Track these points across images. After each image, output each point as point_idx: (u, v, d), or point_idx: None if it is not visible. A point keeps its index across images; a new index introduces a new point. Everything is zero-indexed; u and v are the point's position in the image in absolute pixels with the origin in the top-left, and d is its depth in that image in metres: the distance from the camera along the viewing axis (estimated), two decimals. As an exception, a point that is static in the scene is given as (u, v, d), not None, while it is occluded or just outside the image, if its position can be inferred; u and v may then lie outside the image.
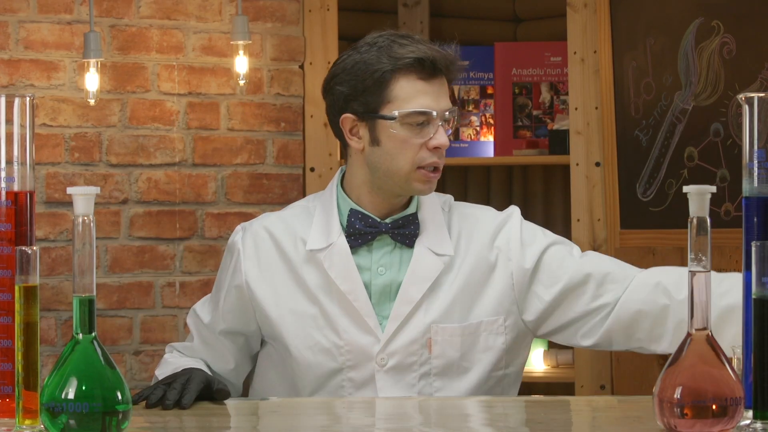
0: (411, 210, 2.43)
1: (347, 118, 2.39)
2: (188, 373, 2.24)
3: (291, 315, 2.41)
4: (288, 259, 2.43)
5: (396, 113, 2.34)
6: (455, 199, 2.55)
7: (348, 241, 2.40)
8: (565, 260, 2.43)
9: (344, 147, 2.45)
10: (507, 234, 2.45)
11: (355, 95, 2.37)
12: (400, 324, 2.37)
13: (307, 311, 2.41)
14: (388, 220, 2.41)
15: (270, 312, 2.42)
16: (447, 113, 2.37)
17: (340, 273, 2.39)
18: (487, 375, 2.41)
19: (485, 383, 2.41)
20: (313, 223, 2.44)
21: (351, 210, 2.41)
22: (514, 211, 2.50)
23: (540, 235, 2.47)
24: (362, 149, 2.39)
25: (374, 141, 2.38)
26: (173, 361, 2.46)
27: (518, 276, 2.42)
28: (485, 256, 2.43)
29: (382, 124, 2.36)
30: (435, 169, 2.37)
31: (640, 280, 2.40)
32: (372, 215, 2.41)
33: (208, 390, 2.22)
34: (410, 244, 2.41)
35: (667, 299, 2.35)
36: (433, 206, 2.45)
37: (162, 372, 2.42)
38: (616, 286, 2.40)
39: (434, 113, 2.35)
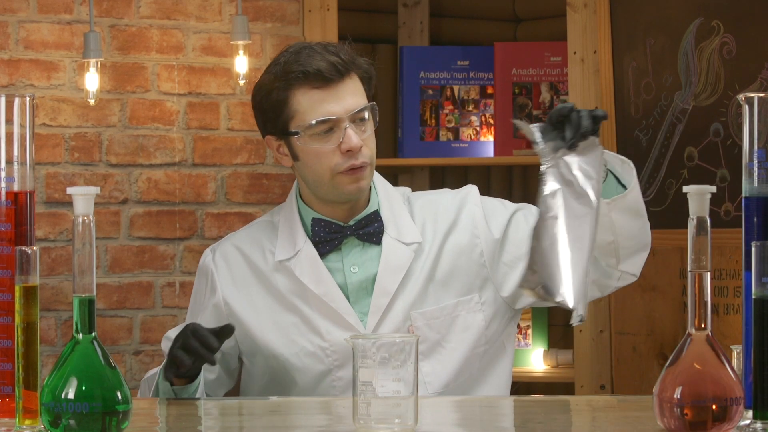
0: (372, 208, 2.44)
1: (269, 140, 2.44)
2: (188, 330, 2.23)
3: (273, 325, 2.43)
4: (260, 272, 2.45)
5: (298, 129, 2.37)
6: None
7: (316, 249, 2.42)
8: (527, 228, 2.41)
9: None
10: (470, 211, 2.46)
11: (265, 118, 2.43)
12: (380, 317, 2.39)
13: (288, 320, 2.43)
14: (351, 222, 2.43)
15: (251, 326, 2.43)
16: (357, 112, 2.36)
17: (311, 278, 2.41)
18: (470, 352, 2.42)
19: (470, 360, 2.42)
20: (279, 234, 2.46)
21: (313, 219, 2.43)
22: (471, 189, 2.51)
23: (500, 207, 2.48)
24: (291, 165, 2.44)
25: (294, 156, 2.42)
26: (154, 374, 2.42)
27: (488, 251, 2.44)
28: (451, 237, 2.45)
29: (293, 141, 2.39)
30: (356, 168, 2.37)
31: None
32: (335, 221, 2.43)
33: (214, 333, 2.23)
34: (377, 241, 2.42)
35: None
36: (393, 200, 2.47)
37: (148, 385, 2.40)
38: None
39: (335, 117, 2.35)
